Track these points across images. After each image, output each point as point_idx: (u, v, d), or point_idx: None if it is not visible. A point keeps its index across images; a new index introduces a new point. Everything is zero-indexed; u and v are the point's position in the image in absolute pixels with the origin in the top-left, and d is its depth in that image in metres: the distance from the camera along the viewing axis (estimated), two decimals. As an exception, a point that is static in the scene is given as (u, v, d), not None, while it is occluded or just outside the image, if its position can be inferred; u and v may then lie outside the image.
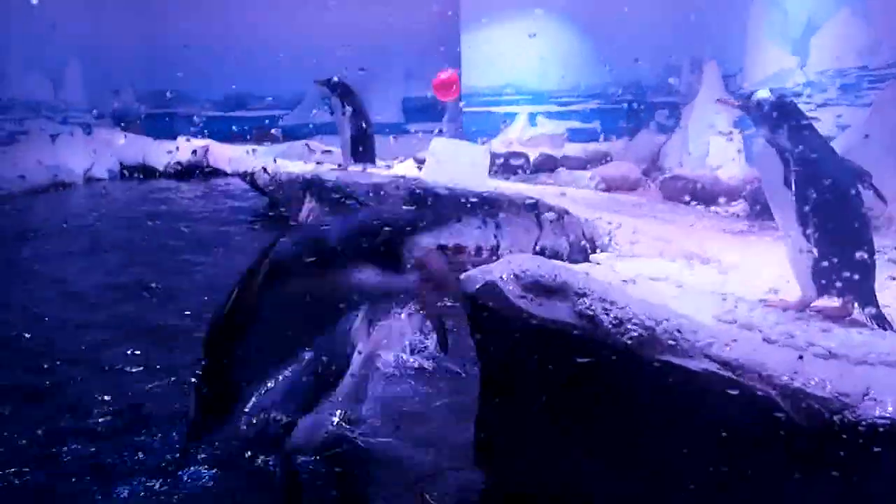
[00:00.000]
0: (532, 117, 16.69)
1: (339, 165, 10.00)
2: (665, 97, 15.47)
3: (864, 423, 2.76)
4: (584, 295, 2.89)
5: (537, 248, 8.25)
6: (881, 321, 3.64)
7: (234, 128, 16.48)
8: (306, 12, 17.99)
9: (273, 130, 16.21)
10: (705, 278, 4.89)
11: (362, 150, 10.00)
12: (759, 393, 2.84)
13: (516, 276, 2.95)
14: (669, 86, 15.04)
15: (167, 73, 17.72)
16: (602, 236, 7.71)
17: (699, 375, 2.83)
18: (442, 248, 8.55)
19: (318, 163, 11.05)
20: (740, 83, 12.34)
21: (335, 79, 9.99)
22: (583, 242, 7.94)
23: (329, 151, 9.95)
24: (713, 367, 2.86)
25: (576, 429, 3.12)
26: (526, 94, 16.78)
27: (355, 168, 9.73)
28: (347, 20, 17.27)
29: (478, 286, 2.97)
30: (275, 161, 10.68)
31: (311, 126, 17.76)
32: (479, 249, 8.28)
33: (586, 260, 5.93)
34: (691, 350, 2.86)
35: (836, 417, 2.80)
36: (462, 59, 16.78)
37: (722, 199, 8.89)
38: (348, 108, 9.84)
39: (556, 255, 7.75)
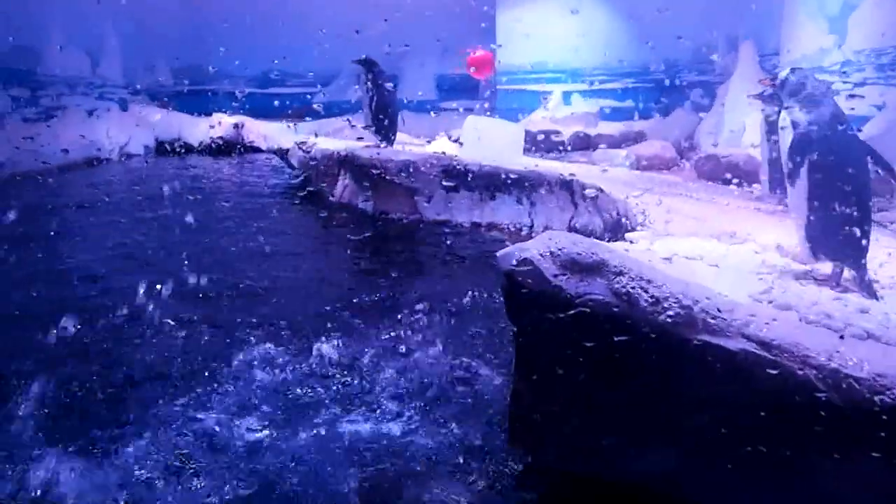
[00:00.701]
0: (567, 95, 16.62)
1: (378, 144, 10.06)
2: (700, 76, 15.33)
3: (899, 403, 2.76)
4: (621, 273, 2.90)
5: (572, 225, 8.26)
6: (870, 290, 4.06)
7: (275, 103, 16.53)
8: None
9: (315, 105, 16.19)
10: (741, 257, 4.89)
11: (386, 124, 10.15)
12: (798, 373, 2.85)
13: (553, 253, 2.96)
14: (705, 64, 14.90)
15: (204, 50, 17.82)
16: (636, 215, 7.68)
17: (737, 355, 2.83)
18: (476, 224, 8.64)
19: (359, 138, 11.06)
20: (777, 62, 12.20)
21: (363, 56, 10.16)
22: (622, 220, 7.92)
23: (370, 127, 10.00)
24: (751, 346, 2.86)
25: (612, 408, 3.14)
26: (561, 72, 16.69)
27: (377, 142, 9.87)
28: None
29: (514, 262, 2.98)
30: (315, 136, 10.75)
31: (351, 102, 17.63)
32: (511, 227, 8.31)
33: (621, 238, 5.92)
34: (729, 330, 2.87)
35: (876, 398, 2.80)
36: (497, 35, 16.72)
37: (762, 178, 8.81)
38: (371, 84, 10.01)
39: (590, 234, 7.77)
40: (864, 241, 4.20)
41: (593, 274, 2.92)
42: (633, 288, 2.86)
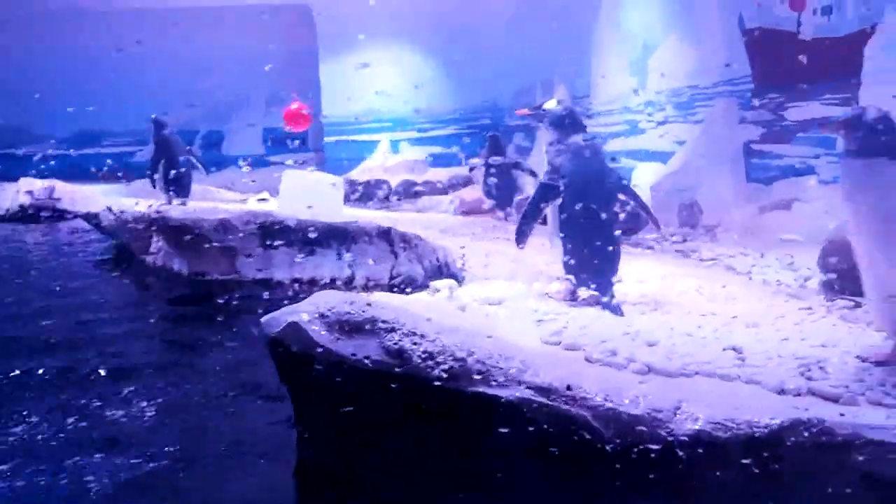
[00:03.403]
0: (395, 144, 16.73)
1: (169, 201, 10.14)
2: (521, 120, 15.77)
3: (674, 436, 2.80)
4: (394, 330, 2.85)
5: (393, 275, 8.22)
6: (615, 310, 4.57)
7: (92, 167, 15.75)
8: (170, 43, 17.38)
9: (116, 171, 15.56)
10: (546, 300, 4.96)
11: (175, 184, 10.38)
12: (575, 415, 2.85)
13: (322, 314, 2.87)
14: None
15: (14, 110, 16.84)
16: (455, 261, 7.74)
17: (514, 402, 2.82)
18: (297, 280, 8.46)
19: (169, 200, 10.75)
20: (589, 104, 12.73)
21: (153, 116, 10.51)
22: (442, 266, 7.95)
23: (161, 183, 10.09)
24: (528, 393, 2.86)
25: (397, 463, 3.06)
26: (388, 121, 16.81)
27: (177, 202, 9.84)
28: (208, 51, 16.89)
29: (280, 328, 2.87)
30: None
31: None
32: (333, 281, 8.18)
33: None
34: (504, 378, 2.85)
35: (653, 433, 2.84)
36: (322, 88, 16.71)
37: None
38: (159, 142, 10.36)
39: (412, 282, 7.74)
40: (611, 270, 4.79)
41: (364, 332, 2.85)
42: (404, 343, 2.81)
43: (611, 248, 4.85)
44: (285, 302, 3.44)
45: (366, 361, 2.80)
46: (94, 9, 16.71)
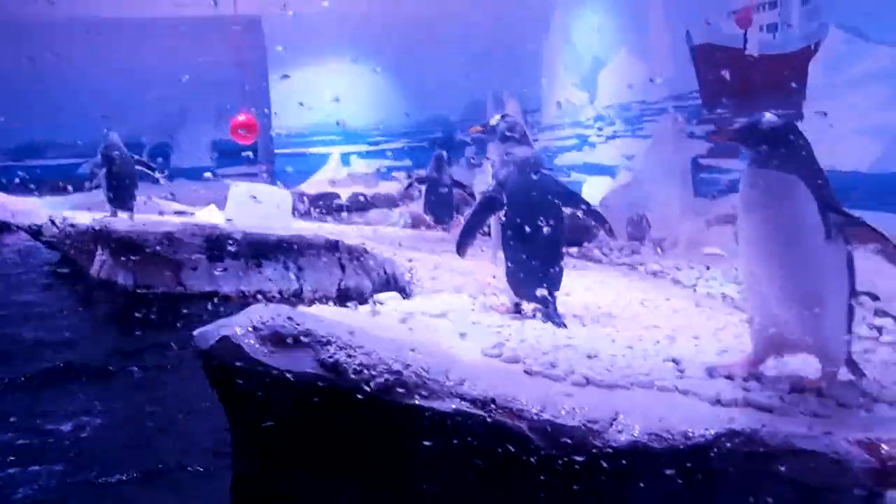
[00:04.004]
0: (345, 157, 16.68)
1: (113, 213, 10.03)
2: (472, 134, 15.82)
3: (609, 447, 2.81)
4: (329, 343, 2.81)
5: (341, 287, 8.18)
6: (557, 323, 4.57)
7: (30, 178, 15.43)
8: (120, 53, 17.15)
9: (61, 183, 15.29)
10: (490, 313, 4.95)
11: (118, 196, 10.18)
12: (512, 427, 2.84)
13: (255, 328, 2.83)
14: (476, 122, 15.38)
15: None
16: (404, 273, 7.72)
17: (448, 415, 2.80)
18: (244, 294, 8.37)
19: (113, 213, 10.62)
20: (539, 118, 12.82)
21: (106, 130, 10.35)
22: (390, 279, 7.92)
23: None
24: (465, 405, 2.84)
25: (337, 478, 3.03)
26: (339, 134, 16.74)
27: (123, 216, 9.70)
28: (157, 63, 16.68)
29: (213, 342, 2.82)
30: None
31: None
32: (281, 293, 8.11)
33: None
34: (441, 391, 2.83)
35: (583, 445, 2.83)
36: (272, 101, 16.58)
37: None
38: (104, 154, 10.15)
39: (360, 295, 7.70)
40: (554, 283, 4.78)
41: (299, 345, 2.82)
42: (339, 357, 2.78)
43: (554, 260, 4.85)
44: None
45: (300, 375, 2.76)
46: (38, 19, 16.42)
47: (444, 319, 4.53)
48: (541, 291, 4.65)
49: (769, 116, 3.39)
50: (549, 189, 4.96)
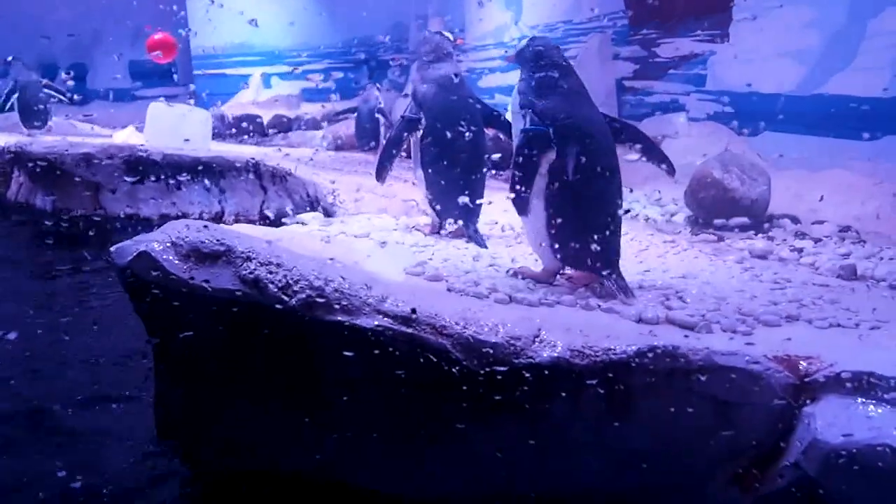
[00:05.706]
0: (267, 78, 16.27)
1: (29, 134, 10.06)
2: (396, 55, 15.58)
3: (532, 363, 2.83)
4: (249, 259, 2.76)
5: (263, 210, 8.06)
6: (480, 242, 4.66)
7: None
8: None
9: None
10: (412, 233, 4.94)
11: (28, 120, 10.64)
12: (435, 343, 2.84)
13: (174, 243, 2.75)
14: (399, 43, 15.19)
15: None
16: (327, 195, 7.64)
17: (374, 331, 2.79)
18: (166, 216, 8.18)
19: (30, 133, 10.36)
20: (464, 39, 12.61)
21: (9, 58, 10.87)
22: (313, 201, 7.85)
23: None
24: (387, 322, 2.82)
25: (258, 398, 3.00)
26: (261, 54, 16.28)
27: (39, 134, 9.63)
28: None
29: (130, 258, 2.74)
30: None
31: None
32: (202, 216, 7.94)
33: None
34: (363, 307, 2.81)
35: (510, 361, 2.86)
36: (190, 20, 15.98)
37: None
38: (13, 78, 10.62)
39: (281, 217, 7.61)
40: (475, 202, 4.76)
41: (219, 261, 2.76)
42: (260, 273, 2.73)
43: (475, 180, 4.82)
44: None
45: (219, 290, 2.71)
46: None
47: (367, 239, 4.50)
48: (462, 199, 4.59)
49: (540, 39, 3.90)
50: (470, 107, 4.90)
